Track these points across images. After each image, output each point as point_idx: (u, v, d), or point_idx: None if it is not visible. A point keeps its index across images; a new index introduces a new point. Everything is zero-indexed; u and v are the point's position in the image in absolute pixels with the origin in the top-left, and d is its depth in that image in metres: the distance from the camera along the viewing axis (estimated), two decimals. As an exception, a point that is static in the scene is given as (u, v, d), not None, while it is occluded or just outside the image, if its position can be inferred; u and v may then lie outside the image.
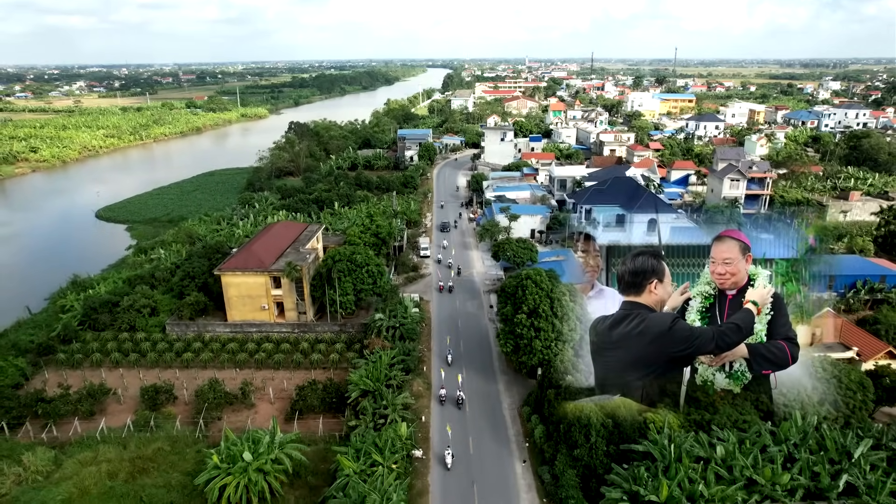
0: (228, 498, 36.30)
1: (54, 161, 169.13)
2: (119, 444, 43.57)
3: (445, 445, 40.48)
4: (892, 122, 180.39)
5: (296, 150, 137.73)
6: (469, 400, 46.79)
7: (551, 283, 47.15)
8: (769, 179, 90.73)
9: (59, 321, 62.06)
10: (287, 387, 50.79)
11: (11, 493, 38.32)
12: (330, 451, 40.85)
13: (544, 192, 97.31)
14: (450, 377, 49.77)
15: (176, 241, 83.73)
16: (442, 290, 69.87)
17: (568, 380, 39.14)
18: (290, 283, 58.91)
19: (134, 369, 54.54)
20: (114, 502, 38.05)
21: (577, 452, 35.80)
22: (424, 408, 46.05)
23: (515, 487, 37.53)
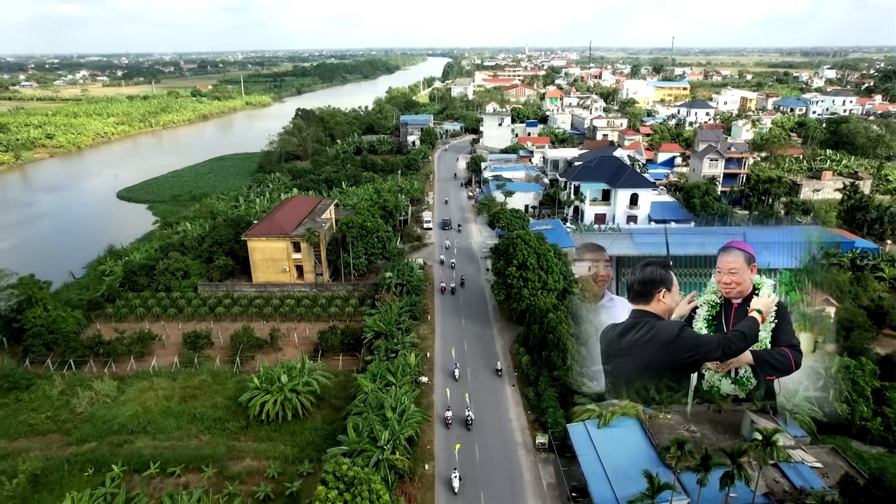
0: (267, 413, 43.98)
1: (70, 147, 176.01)
2: (169, 377, 51.24)
3: (452, 468, 37.47)
4: (876, 109, 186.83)
5: (303, 136, 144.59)
6: (468, 341, 54.35)
7: (538, 242, 54.61)
8: (746, 160, 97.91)
9: (103, 283, 69.57)
10: (309, 334, 58.37)
11: (87, 411, 46.06)
12: (350, 381, 48.51)
13: (538, 171, 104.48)
14: (456, 394, 45.87)
15: (198, 216, 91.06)
16: (444, 291, 65.43)
17: (549, 317, 46.76)
18: (309, 248, 66.35)
19: (173, 322, 62.09)
20: (171, 418, 45.73)
21: (556, 374, 43.44)
22: (429, 346, 53.71)
23: (506, 404, 45.26)
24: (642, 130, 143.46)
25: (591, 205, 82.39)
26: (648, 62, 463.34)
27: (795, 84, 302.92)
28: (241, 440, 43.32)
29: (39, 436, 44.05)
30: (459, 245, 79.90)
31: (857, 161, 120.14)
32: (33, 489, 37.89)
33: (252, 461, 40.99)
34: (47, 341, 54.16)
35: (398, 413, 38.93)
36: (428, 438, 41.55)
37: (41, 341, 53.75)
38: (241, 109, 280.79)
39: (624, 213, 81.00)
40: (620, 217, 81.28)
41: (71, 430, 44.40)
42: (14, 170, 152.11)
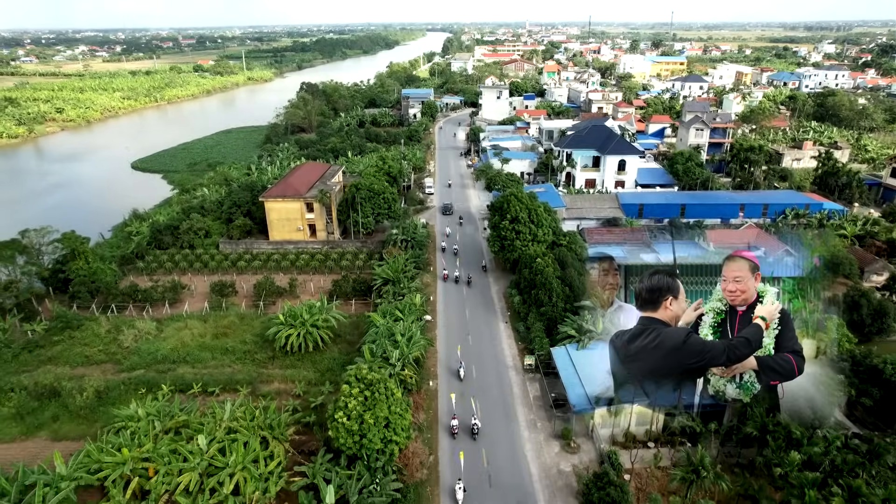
0: (291, 345, 50.59)
1: (79, 121, 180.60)
2: (201, 319, 57.77)
3: (456, 478, 35.84)
4: (866, 83, 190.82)
5: (308, 109, 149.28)
6: (467, 289, 60.75)
7: (530, 199, 60.68)
8: (730, 130, 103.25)
9: (131, 242, 75.78)
10: (323, 284, 64.78)
11: (132, 346, 52.68)
12: (362, 321, 55.02)
13: (534, 141, 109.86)
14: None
15: (213, 182, 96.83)
16: (447, 279, 62.65)
17: (537, 262, 53.05)
18: (321, 208, 72.38)
19: (199, 274, 68.45)
20: (206, 351, 52.37)
21: (543, 310, 49.93)
22: (431, 291, 60.23)
23: (499, 337, 51.92)
24: (636, 103, 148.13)
25: (581, 171, 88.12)
26: (650, 37, 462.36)
27: (794, 59, 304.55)
28: (269, 368, 50.01)
29: (95, 365, 50.70)
30: (460, 209, 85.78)
31: (840, 132, 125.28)
32: (99, 402, 44.66)
33: (280, 384, 47.69)
34: (91, 289, 60.62)
35: (406, 338, 45.50)
36: (431, 362, 48.25)
37: (86, 289, 60.20)
38: (243, 85, 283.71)
39: (612, 178, 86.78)
40: (609, 182, 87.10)
41: (121, 360, 51.07)
42: (28, 143, 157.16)
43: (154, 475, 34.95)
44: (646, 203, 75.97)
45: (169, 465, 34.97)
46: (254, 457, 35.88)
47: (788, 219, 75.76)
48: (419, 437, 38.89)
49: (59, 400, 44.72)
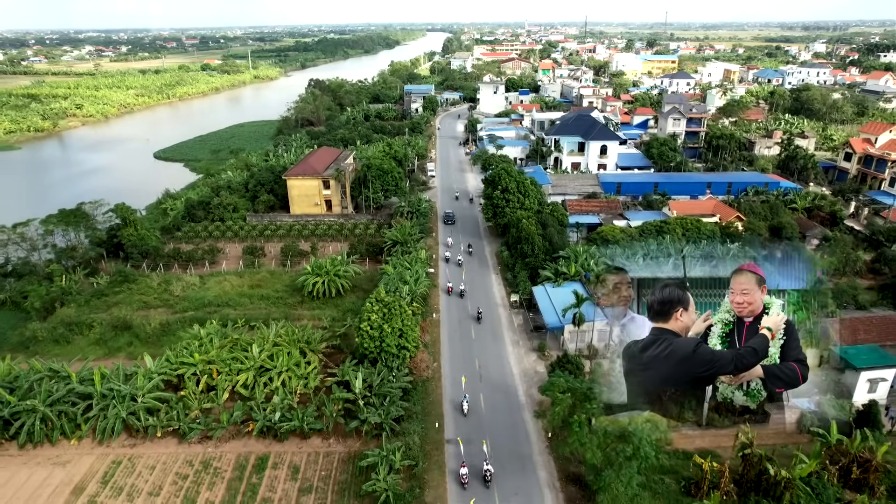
0: (317, 291, 60.54)
1: (99, 116, 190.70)
2: (237, 275, 67.69)
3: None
4: (845, 80, 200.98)
5: (316, 104, 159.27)
6: (468, 254, 70.67)
7: (519, 174, 70.69)
8: (704, 120, 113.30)
9: (168, 216, 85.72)
10: (340, 250, 74.62)
11: (182, 294, 62.60)
12: (375, 276, 64.92)
13: (526, 131, 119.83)
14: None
15: (235, 168, 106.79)
16: (451, 292, 59.21)
17: (523, 223, 62.98)
18: (337, 185, 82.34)
19: (231, 242, 78.38)
20: (244, 298, 62.28)
21: (528, 260, 59.92)
22: (434, 251, 70.33)
23: (491, 284, 62.03)
24: (624, 98, 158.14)
25: (568, 155, 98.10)
26: (647, 37, 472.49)
27: (784, 58, 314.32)
28: (299, 309, 59.94)
29: (152, 308, 60.56)
30: (458, 189, 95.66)
31: (811, 124, 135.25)
32: (162, 333, 54.60)
33: (308, 320, 57.57)
34: (141, 251, 70.56)
35: (413, 280, 55.49)
36: (434, 302, 58.25)
37: (137, 251, 70.16)
38: (249, 83, 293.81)
39: (595, 161, 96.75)
40: (592, 165, 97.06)
41: (173, 304, 60.98)
42: (53, 136, 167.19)
43: (217, 376, 45.00)
44: (623, 182, 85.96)
45: (229, 366, 45.01)
46: (296, 361, 45.92)
47: (749, 195, 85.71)
48: (425, 351, 48.85)
49: (131, 331, 54.67)
